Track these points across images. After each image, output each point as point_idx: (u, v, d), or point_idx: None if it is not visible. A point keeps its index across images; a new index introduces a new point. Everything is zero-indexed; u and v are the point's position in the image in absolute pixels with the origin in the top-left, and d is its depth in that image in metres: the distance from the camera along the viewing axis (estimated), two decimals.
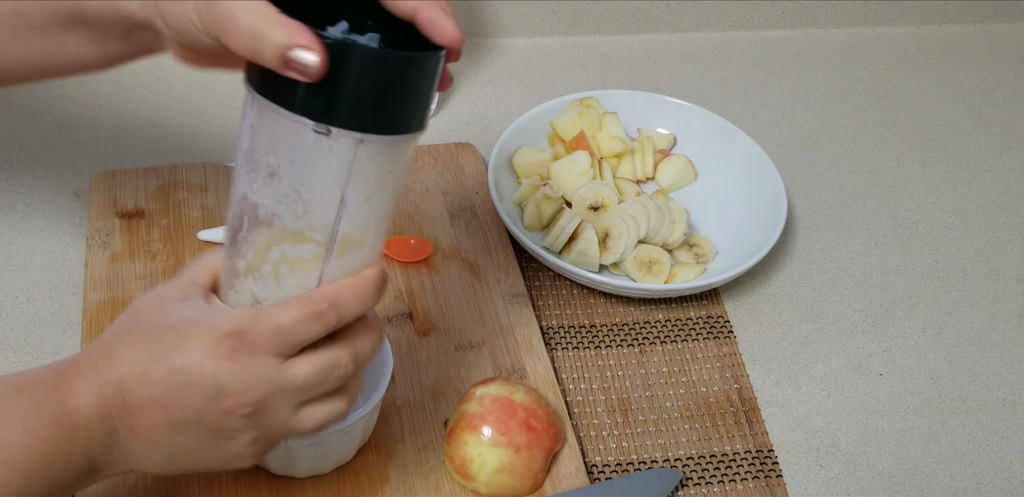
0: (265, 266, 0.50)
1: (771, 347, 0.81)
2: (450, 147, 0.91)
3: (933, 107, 1.05)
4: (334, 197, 0.48)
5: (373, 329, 0.53)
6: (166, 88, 0.97)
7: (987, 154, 1.00)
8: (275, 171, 0.48)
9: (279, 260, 0.50)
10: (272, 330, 0.49)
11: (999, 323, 0.85)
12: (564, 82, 1.03)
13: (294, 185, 0.48)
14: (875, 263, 0.89)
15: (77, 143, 0.91)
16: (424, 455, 0.69)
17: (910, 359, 0.82)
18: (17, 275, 0.80)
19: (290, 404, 0.51)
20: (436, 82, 0.49)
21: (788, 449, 0.75)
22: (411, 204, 0.86)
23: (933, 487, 0.73)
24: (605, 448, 0.73)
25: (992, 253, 0.91)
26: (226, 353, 0.49)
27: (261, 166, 0.48)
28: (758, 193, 0.87)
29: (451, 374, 0.74)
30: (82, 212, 0.85)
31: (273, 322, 0.49)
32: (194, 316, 0.50)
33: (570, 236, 0.82)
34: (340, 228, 0.49)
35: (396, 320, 0.77)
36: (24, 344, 0.75)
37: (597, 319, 0.81)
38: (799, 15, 1.11)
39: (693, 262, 0.84)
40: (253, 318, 0.49)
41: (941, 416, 0.78)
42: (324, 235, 0.49)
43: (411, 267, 0.81)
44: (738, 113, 1.01)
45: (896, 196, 0.95)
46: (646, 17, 1.08)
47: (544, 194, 0.84)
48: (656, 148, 0.92)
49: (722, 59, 1.08)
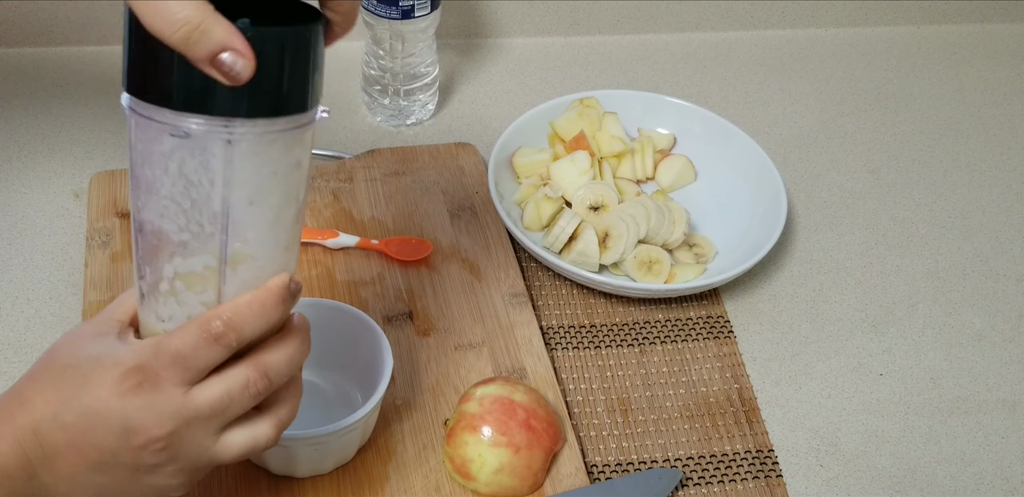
0: (162, 284, 0.48)
1: (771, 347, 0.81)
2: (450, 147, 0.91)
3: (933, 107, 1.05)
4: (214, 205, 0.46)
5: (287, 340, 0.51)
6: None
7: (987, 154, 1.00)
8: (151, 183, 0.46)
9: (173, 277, 0.48)
10: (172, 359, 0.47)
11: (999, 323, 0.85)
12: (564, 82, 1.03)
13: (171, 195, 0.46)
14: (875, 263, 0.89)
15: (77, 143, 0.91)
16: (424, 455, 0.69)
17: (910, 359, 0.82)
18: (17, 275, 0.80)
19: (206, 432, 0.49)
20: (311, 63, 0.45)
21: (788, 449, 0.75)
22: (411, 204, 0.86)
23: (933, 487, 0.73)
24: (605, 448, 0.73)
25: (992, 253, 0.91)
26: (131, 388, 0.47)
27: (140, 181, 0.46)
28: (758, 193, 0.87)
29: (451, 374, 0.74)
30: (82, 212, 0.85)
31: (172, 350, 0.47)
32: (100, 353, 0.48)
33: (570, 236, 0.82)
34: (228, 238, 0.47)
35: (396, 320, 0.77)
36: (24, 344, 0.75)
37: (597, 319, 0.81)
38: (799, 15, 1.11)
39: (693, 262, 0.84)
40: (154, 349, 0.48)
41: (941, 416, 0.78)
42: (212, 246, 0.47)
43: (411, 267, 0.81)
44: (738, 113, 1.01)
45: (896, 196, 0.95)
46: (646, 17, 1.08)
47: (544, 194, 0.84)
48: (656, 148, 0.92)
49: (722, 59, 1.08)
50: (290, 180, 0.47)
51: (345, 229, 0.83)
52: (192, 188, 0.45)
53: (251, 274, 0.49)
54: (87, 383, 0.48)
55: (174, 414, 0.48)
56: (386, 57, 0.90)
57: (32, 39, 0.98)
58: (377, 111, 0.95)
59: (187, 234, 0.47)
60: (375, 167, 0.89)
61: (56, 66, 0.97)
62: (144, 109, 0.45)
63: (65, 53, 0.97)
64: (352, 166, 0.89)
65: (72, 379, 0.48)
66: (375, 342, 0.67)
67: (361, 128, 0.96)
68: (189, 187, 0.45)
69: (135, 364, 0.48)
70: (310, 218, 0.84)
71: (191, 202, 0.46)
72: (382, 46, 0.90)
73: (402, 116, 0.95)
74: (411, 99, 0.94)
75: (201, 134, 0.44)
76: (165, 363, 0.47)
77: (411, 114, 0.95)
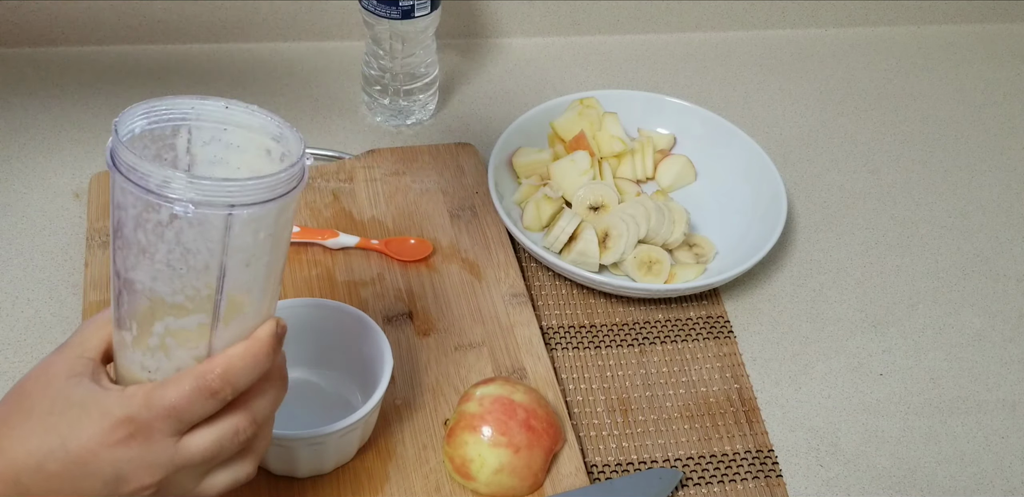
0: (151, 339, 0.48)
1: (771, 347, 0.81)
2: (450, 147, 0.91)
3: (933, 107, 1.05)
4: (212, 269, 0.46)
5: (270, 382, 0.51)
6: (166, 88, 0.97)
7: (987, 154, 1.00)
8: (144, 248, 0.45)
9: (164, 334, 0.48)
10: (166, 412, 0.47)
11: (999, 323, 0.85)
12: (564, 82, 1.03)
13: (167, 261, 0.45)
14: (875, 263, 0.89)
15: (77, 143, 0.91)
16: (424, 455, 0.69)
17: (910, 359, 0.82)
18: (17, 275, 0.80)
19: (193, 477, 0.50)
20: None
21: (788, 449, 0.75)
22: (411, 204, 0.86)
23: (933, 487, 0.73)
24: (605, 448, 0.73)
25: (992, 253, 0.91)
26: (121, 439, 0.47)
27: (131, 243, 0.46)
28: (758, 193, 0.87)
29: (451, 374, 0.74)
30: (82, 212, 0.85)
31: (166, 404, 0.47)
32: (83, 400, 0.48)
33: (570, 236, 0.82)
34: (223, 297, 0.47)
35: (396, 320, 0.77)
36: (24, 344, 0.75)
37: (597, 319, 0.81)
38: (799, 15, 1.11)
39: (693, 262, 0.84)
40: (145, 400, 0.47)
41: (941, 416, 0.78)
42: (207, 306, 0.47)
43: (411, 267, 0.81)
44: (738, 113, 1.01)
45: (896, 196, 0.95)
46: (646, 17, 1.08)
47: (544, 194, 0.84)
48: (656, 148, 0.92)
49: (722, 59, 1.08)
50: (282, 236, 0.48)
51: (345, 229, 0.83)
52: (189, 255, 0.45)
53: (241, 325, 0.49)
54: (73, 433, 0.47)
55: (166, 464, 0.48)
56: (386, 57, 0.90)
57: (32, 39, 0.98)
58: (377, 111, 0.95)
59: (182, 296, 0.47)
60: (375, 167, 0.89)
61: (56, 66, 0.97)
62: (142, 179, 0.43)
63: (65, 53, 0.97)
64: (352, 166, 0.89)
65: (55, 428, 0.47)
66: (375, 342, 0.67)
67: (361, 128, 0.96)
68: (186, 254, 0.45)
69: (125, 415, 0.47)
70: (310, 218, 0.84)
71: (187, 268, 0.46)
72: (382, 46, 0.90)
73: (402, 116, 0.95)
74: (411, 99, 0.94)
75: (204, 211, 0.44)
76: (159, 415, 0.47)
77: (411, 114, 0.95)
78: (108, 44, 1.00)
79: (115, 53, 1.00)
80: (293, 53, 1.03)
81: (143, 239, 0.45)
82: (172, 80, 0.98)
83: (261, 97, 0.98)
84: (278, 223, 0.47)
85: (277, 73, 1.00)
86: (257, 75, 1.00)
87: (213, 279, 0.46)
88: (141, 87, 0.97)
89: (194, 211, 0.43)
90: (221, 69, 1.00)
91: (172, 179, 0.43)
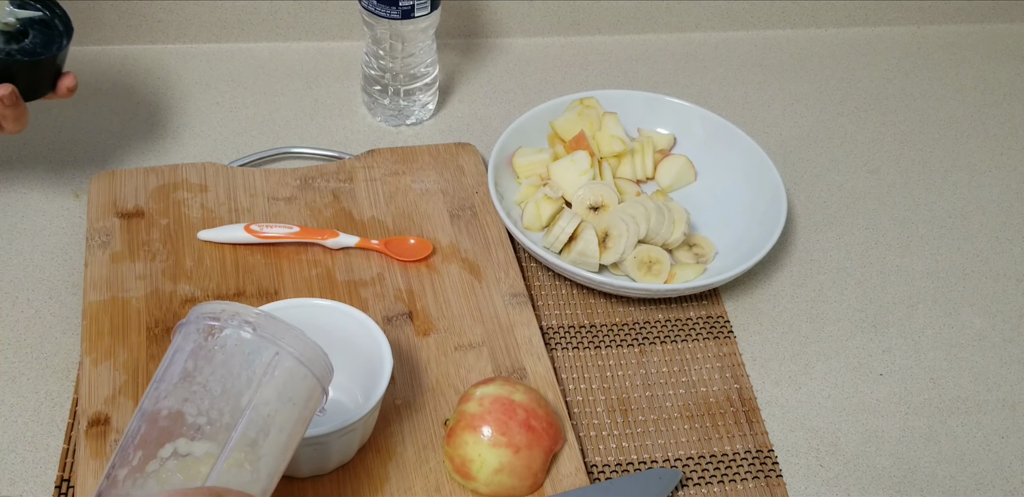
0: (151, 464, 0.50)
1: (771, 347, 0.81)
2: (450, 147, 0.91)
3: (933, 107, 1.05)
4: (242, 398, 0.51)
5: None
6: (166, 88, 0.97)
7: (987, 154, 1.00)
8: (191, 373, 0.51)
9: (169, 457, 0.50)
10: None
11: (999, 323, 0.85)
12: (564, 82, 1.03)
13: (205, 382, 0.51)
14: (875, 263, 0.89)
15: (77, 143, 0.91)
16: (424, 455, 0.69)
17: (910, 359, 0.82)
18: (17, 275, 0.80)
19: None
20: None
21: (788, 449, 0.75)
22: (411, 204, 0.86)
23: (933, 487, 0.73)
24: (605, 448, 0.73)
25: (992, 253, 0.91)
26: None
27: (175, 372, 0.52)
28: (758, 193, 0.87)
29: (451, 374, 0.74)
30: (82, 212, 0.85)
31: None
32: None
33: (570, 236, 0.82)
34: (238, 432, 0.50)
35: (396, 320, 0.77)
36: (24, 344, 0.75)
37: (597, 319, 0.81)
38: (799, 15, 1.11)
39: (693, 262, 0.84)
40: None
41: (941, 416, 0.78)
42: (222, 436, 0.50)
43: (411, 267, 0.81)
44: (738, 113, 1.01)
45: (896, 196, 0.95)
46: (646, 17, 1.08)
47: (544, 194, 0.84)
48: (656, 148, 0.92)
49: (722, 59, 1.08)
50: (301, 417, 0.54)
51: (345, 229, 0.83)
52: (230, 379, 0.51)
53: (238, 479, 0.51)
54: None
55: None
56: (386, 57, 0.90)
57: None
58: (377, 111, 0.95)
59: (204, 418, 0.50)
60: (375, 167, 0.89)
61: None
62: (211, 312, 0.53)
63: None
64: (352, 166, 0.89)
65: None
66: (375, 342, 0.67)
67: (361, 128, 0.96)
68: (227, 377, 0.51)
69: None
70: (310, 218, 0.84)
71: (222, 389, 0.51)
72: (382, 46, 0.90)
73: (402, 116, 0.95)
74: (411, 99, 0.94)
75: (260, 338, 0.52)
76: None
77: (411, 114, 0.95)
78: (108, 44, 1.00)
79: (115, 53, 1.00)
80: (293, 53, 1.03)
81: (191, 365, 0.52)
82: (172, 80, 0.98)
83: (261, 97, 0.98)
84: (300, 397, 0.53)
85: (277, 73, 1.00)
86: (257, 75, 1.00)
87: (240, 407, 0.51)
88: (141, 87, 0.97)
89: (252, 335, 0.52)
90: (221, 69, 1.00)
91: (242, 313, 0.53)
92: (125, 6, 0.97)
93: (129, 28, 0.99)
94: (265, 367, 0.52)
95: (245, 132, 0.94)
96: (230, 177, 0.86)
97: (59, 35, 0.75)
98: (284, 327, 0.53)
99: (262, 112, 0.96)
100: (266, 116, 0.96)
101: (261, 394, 0.51)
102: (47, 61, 0.74)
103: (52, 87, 0.76)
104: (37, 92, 0.75)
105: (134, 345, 0.73)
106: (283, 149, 0.92)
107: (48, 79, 0.76)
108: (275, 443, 0.52)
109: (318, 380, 0.55)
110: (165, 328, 0.75)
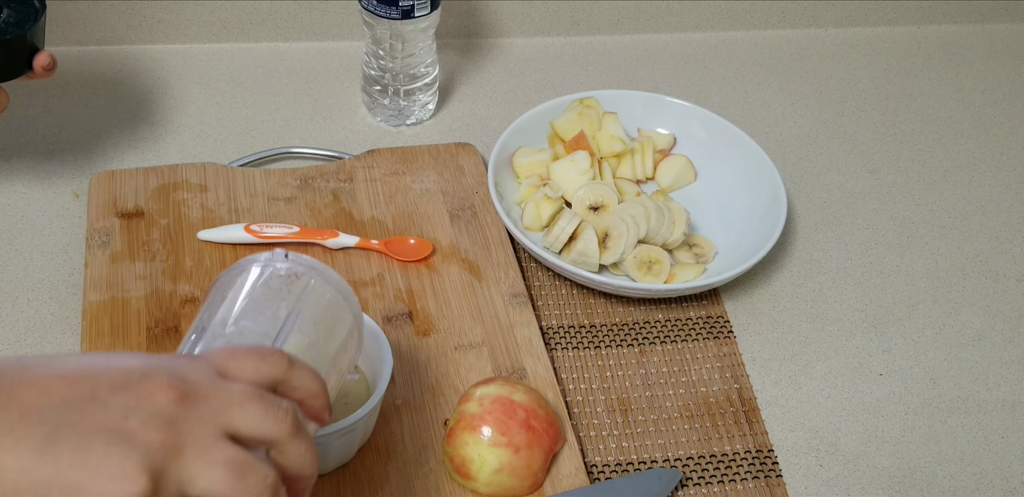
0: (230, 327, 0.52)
1: (771, 347, 0.81)
2: (450, 147, 0.91)
3: (933, 107, 1.05)
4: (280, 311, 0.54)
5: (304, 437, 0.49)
6: (166, 88, 0.97)
7: (987, 154, 1.00)
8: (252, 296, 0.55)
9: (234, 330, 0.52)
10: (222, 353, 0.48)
11: (999, 323, 0.85)
12: (564, 82, 1.03)
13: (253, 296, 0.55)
14: (875, 263, 0.89)
15: (77, 143, 0.91)
16: (424, 455, 0.69)
17: (910, 359, 0.82)
18: (17, 275, 0.80)
19: (215, 424, 0.44)
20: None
21: (788, 449, 0.75)
22: (411, 204, 0.86)
23: (933, 487, 0.73)
24: (605, 448, 0.73)
25: (992, 253, 0.91)
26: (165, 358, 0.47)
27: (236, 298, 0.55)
28: (758, 193, 0.87)
29: (451, 374, 0.74)
30: (82, 212, 0.85)
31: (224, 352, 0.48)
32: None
33: (570, 236, 0.82)
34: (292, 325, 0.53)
35: (396, 320, 0.77)
36: (24, 344, 0.75)
37: (597, 319, 0.81)
38: (799, 15, 1.11)
39: (693, 262, 0.84)
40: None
41: (941, 416, 0.78)
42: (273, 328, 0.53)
43: (411, 267, 0.81)
44: (738, 113, 1.01)
45: (896, 196, 0.95)
46: (646, 17, 1.08)
47: (544, 194, 0.84)
48: (656, 148, 0.92)
49: (722, 59, 1.08)
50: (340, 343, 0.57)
51: (345, 229, 0.83)
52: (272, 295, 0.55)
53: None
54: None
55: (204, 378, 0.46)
56: (386, 57, 0.90)
57: None
58: (377, 111, 0.95)
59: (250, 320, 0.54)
60: (375, 167, 0.89)
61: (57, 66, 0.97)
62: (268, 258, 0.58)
63: (65, 53, 0.97)
64: (352, 166, 0.89)
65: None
66: (375, 342, 0.67)
67: (361, 128, 0.96)
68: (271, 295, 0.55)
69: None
70: (310, 218, 0.84)
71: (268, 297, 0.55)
72: (382, 46, 0.90)
73: (402, 116, 0.95)
74: (411, 99, 0.94)
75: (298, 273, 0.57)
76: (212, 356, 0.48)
77: (411, 114, 0.95)
78: (108, 44, 1.00)
79: (115, 53, 1.00)
80: (293, 53, 1.03)
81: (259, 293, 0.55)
82: (172, 80, 0.98)
83: (261, 97, 0.98)
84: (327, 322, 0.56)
85: (277, 73, 1.00)
86: (257, 75, 1.00)
87: (280, 318, 0.53)
88: (141, 87, 0.97)
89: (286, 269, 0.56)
90: (221, 69, 1.00)
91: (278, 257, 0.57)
92: (125, 6, 0.97)
93: (129, 28, 0.99)
94: (303, 287, 0.55)
95: (245, 132, 0.94)
96: (230, 177, 0.86)
97: (35, 13, 0.74)
98: (314, 262, 0.57)
99: (262, 112, 0.96)
100: (266, 116, 0.96)
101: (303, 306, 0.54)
102: (15, 40, 0.72)
103: (28, 66, 0.75)
104: (11, 71, 0.74)
105: (134, 345, 0.73)
106: (283, 149, 0.92)
107: (22, 59, 0.74)
108: (323, 353, 0.55)
109: (352, 314, 0.57)
110: (165, 328, 0.75)
